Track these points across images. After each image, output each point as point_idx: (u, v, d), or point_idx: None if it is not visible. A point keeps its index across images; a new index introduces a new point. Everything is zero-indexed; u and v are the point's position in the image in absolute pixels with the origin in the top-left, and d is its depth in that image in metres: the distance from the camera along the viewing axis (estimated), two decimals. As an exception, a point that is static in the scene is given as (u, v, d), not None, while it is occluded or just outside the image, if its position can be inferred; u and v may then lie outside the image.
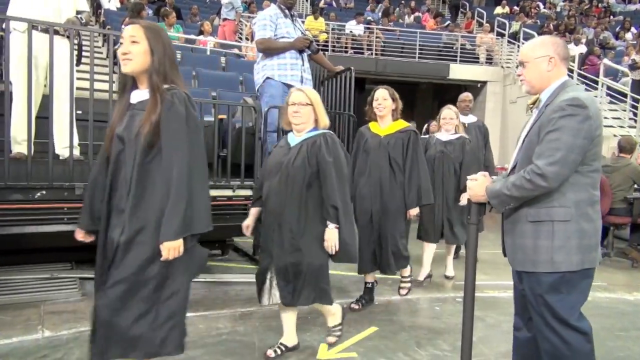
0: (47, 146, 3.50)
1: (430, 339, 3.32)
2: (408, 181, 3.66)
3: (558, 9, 17.32)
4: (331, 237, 2.70)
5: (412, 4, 16.57)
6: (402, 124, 3.76)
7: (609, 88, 9.86)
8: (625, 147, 6.19)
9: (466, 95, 5.60)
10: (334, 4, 15.89)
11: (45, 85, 3.72)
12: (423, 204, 3.75)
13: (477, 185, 2.15)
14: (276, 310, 3.76)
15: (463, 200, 4.26)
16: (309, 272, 2.72)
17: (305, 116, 2.78)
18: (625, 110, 9.51)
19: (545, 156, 1.94)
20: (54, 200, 3.41)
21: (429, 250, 4.62)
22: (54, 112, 3.48)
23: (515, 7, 16.71)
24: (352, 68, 4.63)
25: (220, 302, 3.87)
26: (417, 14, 15.99)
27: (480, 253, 2.30)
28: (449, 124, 4.58)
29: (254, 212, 2.93)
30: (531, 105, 2.20)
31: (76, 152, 3.73)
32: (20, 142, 3.62)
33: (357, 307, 3.83)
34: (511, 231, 2.13)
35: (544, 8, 17.34)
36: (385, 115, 3.72)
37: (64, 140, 3.64)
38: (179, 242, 1.97)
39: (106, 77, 3.92)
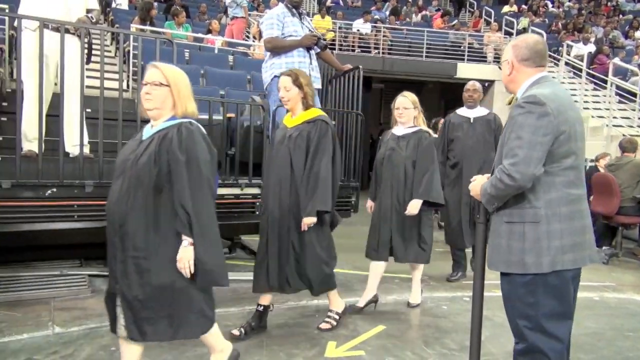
0: (57, 144, 3.52)
1: (438, 338, 3.33)
2: (306, 183, 3.06)
3: (566, 8, 17.21)
4: (183, 255, 2.13)
5: (420, 2, 16.52)
6: (313, 113, 3.18)
7: (618, 87, 9.80)
8: (627, 147, 6.32)
9: (471, 84, 4.74)
10: (341, 2, 15.87)
11: (55, 84, 3.75)
12: (319, 212, 3.06)
13: (476, 184, 2.16)
14: (283, 308, 3.80)
15: (411, 209, 3.60)
16: (162, 300, 2.16)
17: (159, 100, 2.21)
18: (634, 110, 9.45)
19: (510, 156, 1.94)
20: (64, 198, 3.44)
21: (374, 269, 3.77)
22: (64, 111, 3.50)
23: (523, 6, 16.62)
24: (360, 67, 4.63)
25: (228, 300, 3.89)
26: (424, 12, 15.95)
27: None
28: (404, 115, 3.73)
29: None
30: (508, 104, 2.22)
31: (86, 150, 3.76)
32: (31, 140, 3.65)
33: (237, 333, 3.16)
34: (491, 231, 2.13)
35: (552, 7, 17.24)
36: (293, 107, 3.19)
37: (74, 139, 3.67)
38: None
39: (116, 76, 3.95)
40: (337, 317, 3.40)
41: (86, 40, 3.82)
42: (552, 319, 1.99)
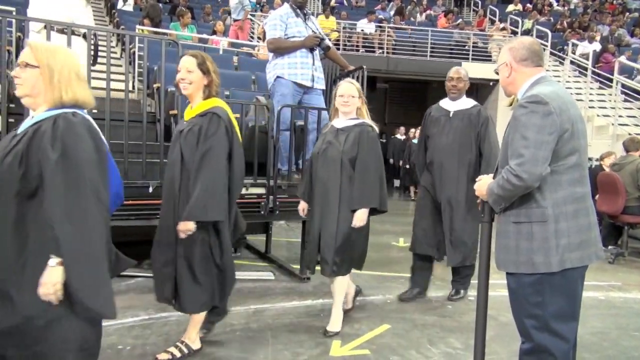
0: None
1: (443, 337, 3.33)
2: (193, 185, 2.63)
3: (572, 6, 17.15)
4: (47, 279, 1.64)
5: (424, 2, 16.51)
6: (209, 103, 2.75)
7: (623, 86, 9.76)
8: (630, 146, 6.36)
9: (455, 72, 4.05)
10: (345, 2, 15.89)
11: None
12: (195, 220, 2.63)
13: (482, 184, 2.17)
14: (289, 307, 3.81)
15: (357, 221, 3.12)
16: (29, 336, 1.69)
17: (29, 85, 1.78)
18: (640, 109, 9.43)
19: (516, 156, 1.95)
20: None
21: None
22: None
23: (528, 5, 16.58)
24: (364, 67, 4.63)
25: (233, 299, 3.87)
26: (428, 11, 15.94)
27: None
28: (350, 104, 3.19)
29: None
30: (509, 106, 2.23)
31: (92, 150, 3.78)
32: (38, 140, 3.68)
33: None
34: (498, 231, 2.14)
35: (557, 5, 17.18)
36: (192, 94, 2.76)
37: (81, 139, 3.69)
38: None
39: (122, 77, 3.99)
40: (185, 351, 2.83)
41: (92, 41, 3.85)
42: (559, 318, 2.00)
